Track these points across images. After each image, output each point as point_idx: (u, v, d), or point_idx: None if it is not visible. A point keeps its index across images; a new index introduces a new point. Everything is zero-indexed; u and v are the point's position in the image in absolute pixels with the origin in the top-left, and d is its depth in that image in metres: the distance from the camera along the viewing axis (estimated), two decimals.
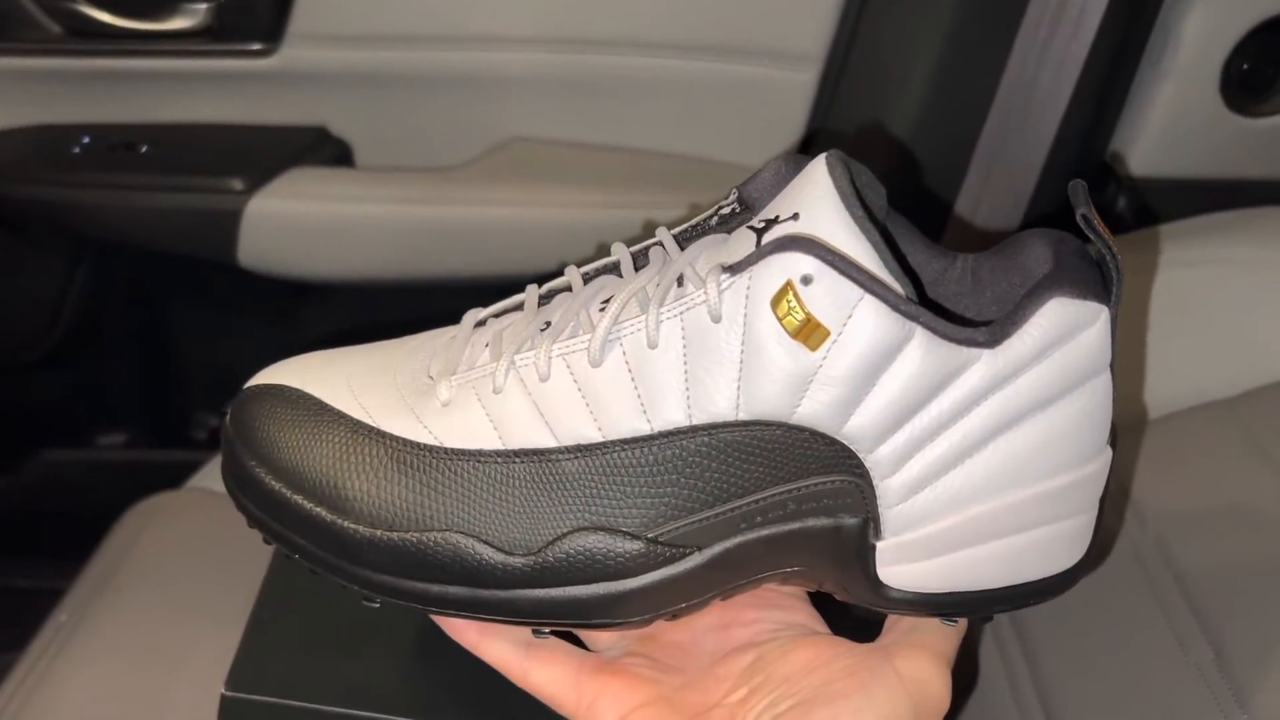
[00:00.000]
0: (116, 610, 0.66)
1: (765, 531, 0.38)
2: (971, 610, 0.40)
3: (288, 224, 0.82)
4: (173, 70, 0.83)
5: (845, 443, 0.36)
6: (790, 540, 0.38)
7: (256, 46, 0.81)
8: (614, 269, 0.40)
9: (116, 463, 1.05)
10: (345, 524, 0.39)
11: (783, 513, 0.37)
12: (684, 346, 0.35)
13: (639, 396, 0.36)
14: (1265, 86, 0.77)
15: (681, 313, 0.35)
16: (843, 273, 0.33)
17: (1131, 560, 0.58)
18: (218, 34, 0.81)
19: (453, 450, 0.38)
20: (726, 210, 0.39)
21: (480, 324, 0.42)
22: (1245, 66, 0.76)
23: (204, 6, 0.81)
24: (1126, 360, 0.68)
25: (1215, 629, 0.52)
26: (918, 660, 0.37)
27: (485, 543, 0.38)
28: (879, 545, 0.38)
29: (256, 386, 0.43)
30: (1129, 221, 0.80)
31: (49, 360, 0.96)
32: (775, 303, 0.34)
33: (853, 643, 0.39)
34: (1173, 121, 0.77)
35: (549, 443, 0.37)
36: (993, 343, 0.35)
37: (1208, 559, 0.56)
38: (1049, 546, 0.39)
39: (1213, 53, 0.74)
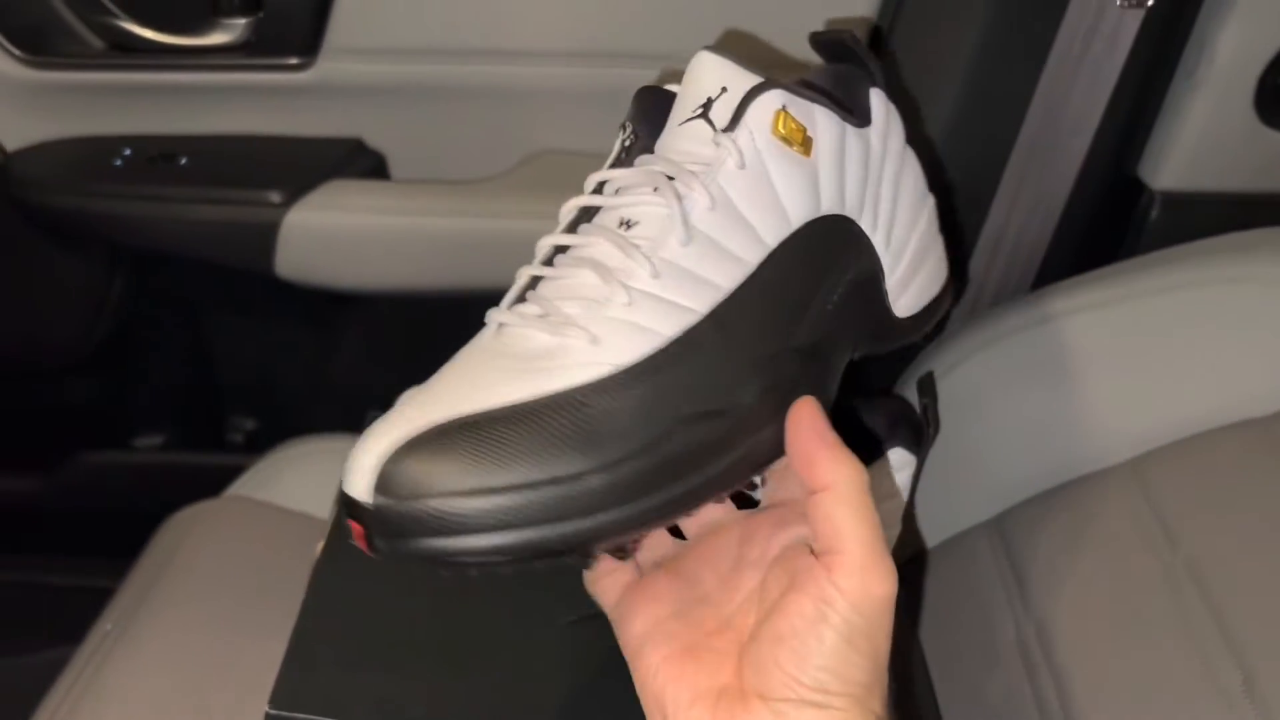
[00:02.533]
0: (160, 620, 0.68)
1: (834, 300, 0.46)
2: (930, 321, 0.53)
3: (324, 236, 0.84)
4: (212, 84, 0.84)
5: (850, 216, 0.46)
6: (850, 297, 0.46)
7: (293, 61, 0.82)
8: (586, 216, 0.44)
9: (154, 465, 1.07)
10: (581, 484, 0.38)
11: (840, 280, 0.46)
12: (731, 201, 0.42)
13: (728, 252, 0.42)
14: None
15: (711, 180, 0.42)
16: (801, 95, 0.44)
17: (1160, 581, 0.58)
18: (256, 49, 0.83)
19: (626, 367, 0.39)
20: (628, 144, 0.46)
21: (522, 299, 0.43)
22: None
23: (242, 22, 0.83)
24: (1157, 379, 0.68)
25: (1244, 654, 0.52)
26: (840, 572, 0.38)
27: (702, 417, 0.40)
28: (888, 284, 0.49)
29: (387, 467, 0.37)
30: (1160, 235, 0.80)
31: (88, 365, 0.98)
32: (774, 130, 0.43)
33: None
34: (1206, 135, 0.77)
35: (691, 320, 0.41)
36: (863, 124, 0.47)
37: (1238, 582, 0.56)
38: (939, 263, 0.54)
39: (1248, 67, 0.74)
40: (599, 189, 0.45)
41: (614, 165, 0.46)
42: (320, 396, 1.04)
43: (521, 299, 0.42)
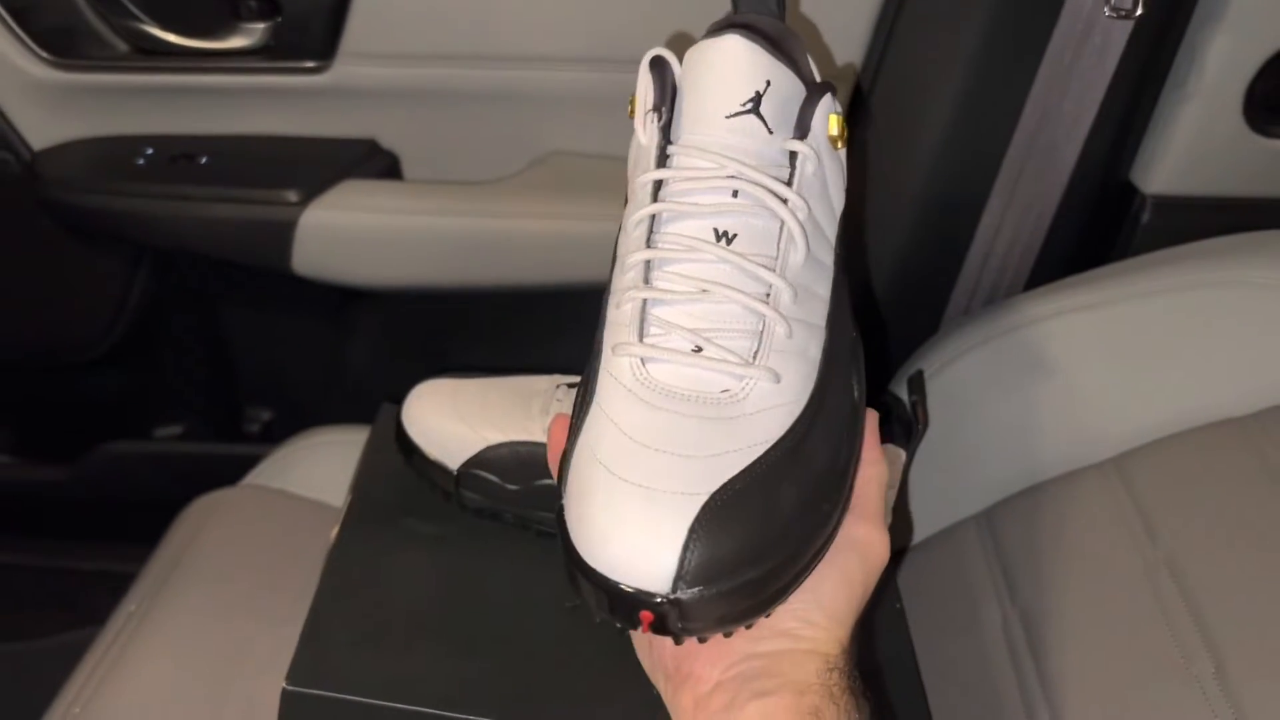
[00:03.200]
0: (180, 603, 0.71)
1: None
2: None
3: (338, 234, 0.86)
4: (232, 86, 0.87)
5: None
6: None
7: (311, 64, 0.85)
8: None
9: (173, 454, 1.10)
10: (832, 521, 0.41)
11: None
12: (810, 207, 0.43)
13: (816, 259, 0.43)
14: None
15: (801, 187, 0.42)
16: (834, 92, 0.44)
17: (1141, 576, 0.60)
18: (274, 52, 0.85)
19: (807, 400, 0.41)
20: (664, 124, 0.44)
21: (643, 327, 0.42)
22: (1269, 88, 0.77)
23: (261, 26, 0.85)
24: (1141, 379, 0.70)
25: (1217, 644, 0.55)
26: (861, 525, 0.42)
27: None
28: None
29: (686, 556, 0.35)
30: (1151, 238, 0.82)
31: (110, 358, 1.01)
32: (829, 132, 0.43)
33: None
34: (1196, 141, 0.79)
35: (820, 336, 0.43)
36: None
37: (1214, 577, 0.58)
38: None
39: (1237, 76, 0.76)
40: (656, 190, 0.42)
41: (659, 159, 0.43)
42: (334, 388, 1.07)
43: (642, 326, 0.40)
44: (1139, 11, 0.68)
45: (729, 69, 0.42)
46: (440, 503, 0.63)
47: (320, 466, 0.83)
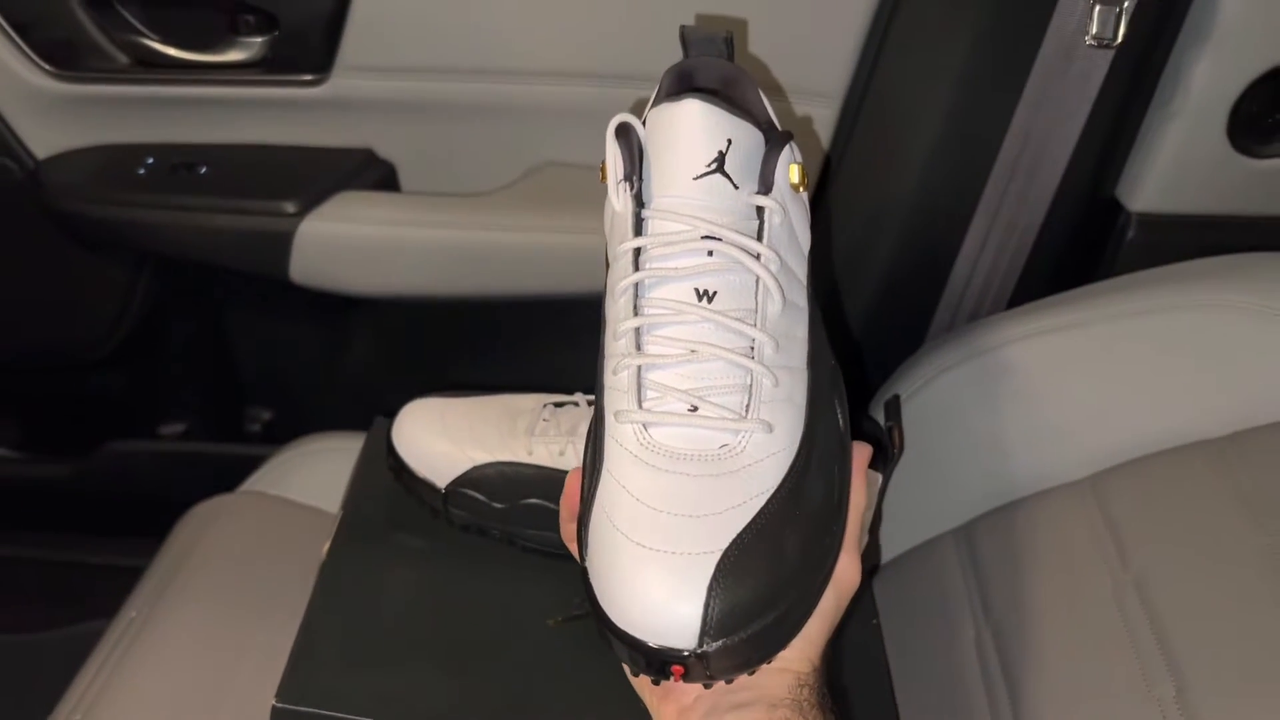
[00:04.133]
0: (180, 610, 0.73)
1: None
2: None
3: (335, 244, 0.88)
4: (230, 97, 0.88)
5: None
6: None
7: (307, 77, 0.86)
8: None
9: (177, 453, 1.12)
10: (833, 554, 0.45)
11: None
12: (781, 255, 0.45)
13: (793, 304, 0.45)
14: (1271, 130, 0.79)
15: (771, 240, 0.45)
16: (792, 140, 0.46)
17: (1109, 596, 0.62)
18: (272, 65, 0.86)
19: (799, 445, 0.43)
20: (636, 192, 0.45)
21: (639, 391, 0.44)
22: (1252, 110, 0.78)
23: (259, 40, 0.86)
24: (1119, 399, 0.71)
25: (1180, 666, 0.56)
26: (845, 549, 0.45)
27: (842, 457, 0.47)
28: None
29: (708, 612, 0.38)
30: (1135, 254, 0.83)
31: (114, 359, 1.02)
32: (791, 179, 0.45)
33: None
34: (1181, 160, 0.79)
35: (803, 378, 0.45)
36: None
37: (1181, 600, 0.59)
38: None
39: (1221, 97, 0.77)
40: (636, 257, 0.44)
41: (636, 225, 0.45)
42: (333, 390, 1.08)
43: (639, 392, 0.42)
44: (1119, 41, 0.69)
45: (691, 132, 0.43)
46: (429, 519, 0.65)
47: (318, 473, 0.85)
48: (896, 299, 0.84)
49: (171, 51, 0.86)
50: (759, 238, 0.44)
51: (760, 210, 0.44)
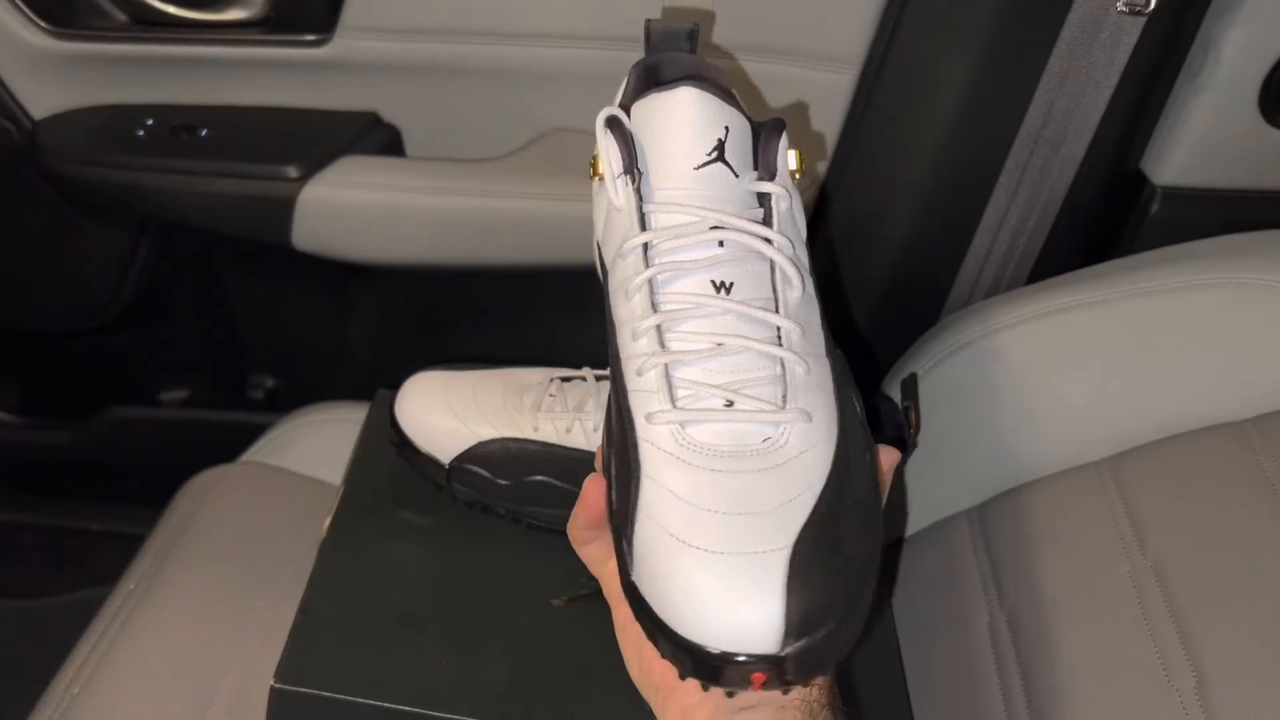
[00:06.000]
0: (179, 582, 0.72)
1: None
2: None
3: (338, 210, 0.86)
4: (232, 57, 0.86)
5: None
6: None
7: (311, 37, 0.84)
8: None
9: (179, 420, 1.11)
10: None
11: None
12: (792, 242, 0.44)
13: (805, 291, 0.44)
14: None
15: (783, 227, 0.44)
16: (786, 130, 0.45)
17: (1128, 582, 0.60)
18: (274, 25, 0.84)
19: (838, 431, 0.42)
20: (637, 186, 0.44)
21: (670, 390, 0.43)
22: None
23: None
24: (1139, 380, 0.69)
25: (1199, 657, 0.55)
26: None
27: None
28: None
29: (789, 615, 0.36)
30: (1160, 229, 0.81)
31: (116, 325, 1.01)
32: (790, 165, 0.45)
33: None
34: (1209, 133, 0.77)
35: (827, 363, 0.44)
36: None
37: (1200, 587, 0.58)
38: None
39: (1253, 68, 0.74)
40: (645, 252, 0.43)
41: (640, 220, 0.43)
42: (337, 358, 1.07)
43: (671, 391, 0.41)
44: (1152, 7, 0.66)
45: (690, 121, 0.43)
46: (432, 494, 0.64)
47: (321, 444, 0.84)
48: (913, 273, 0.82)
49: (171, 9, 0.84)
50: (769, 224, 0.43)
51: (763, 197, 0.43)
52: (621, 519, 0.40)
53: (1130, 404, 0.69)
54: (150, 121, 0.88)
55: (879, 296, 0.84)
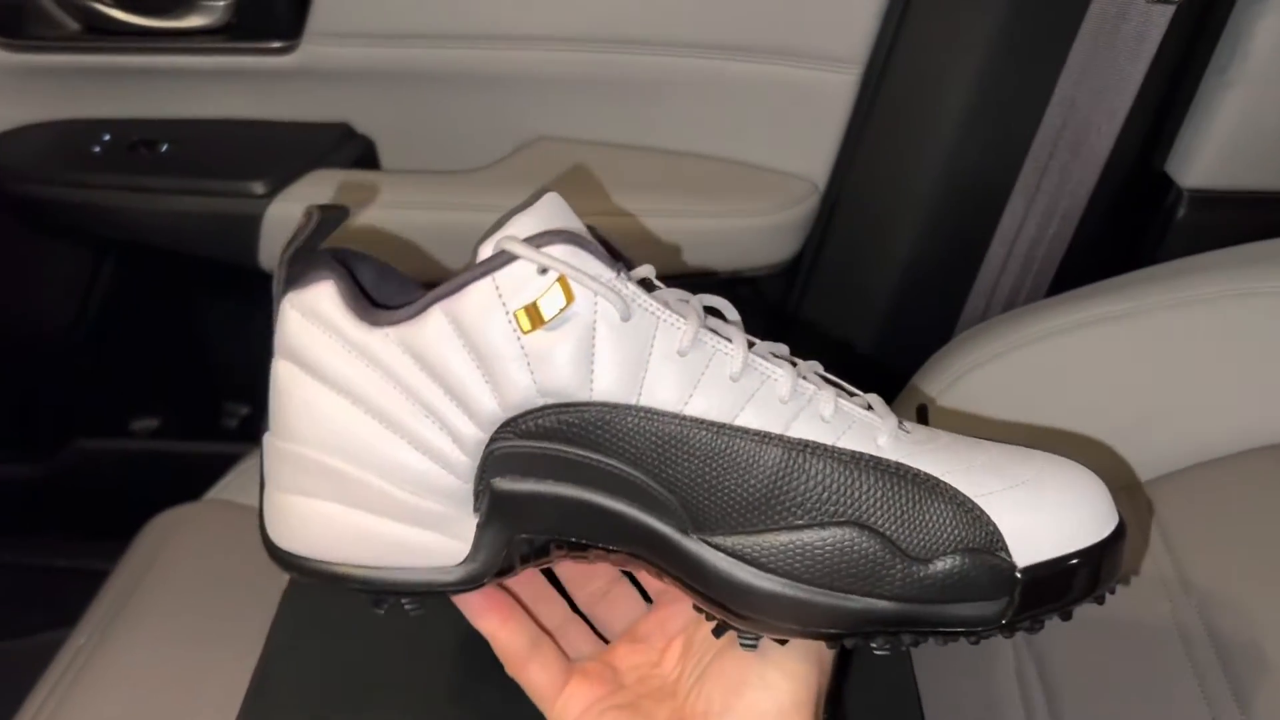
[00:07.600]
0: (133, 634, 0.66)
1: None
2: None
3: None
4: (193, 67, 0.82)
5: None
6: None
7: (276, 44, 0.80)
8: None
9: (149, 451, 1.06)
10: None
11: None
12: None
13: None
14: None
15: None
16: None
17: (1170, 626, 0.55)
18: (236, 31, 0.80)
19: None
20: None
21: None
22: None
23: (221, 4, 0.80)
24: (1176, 397, 0.65)
25: (1249, 704, 0.50)
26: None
27: None
28: None
29: None
30: (1186, 235, 0.77)
31: (79, 351, 0.97)
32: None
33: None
34: (1238, 132, 0.73)
35: None
36: None
37: (1254, 637, 0.53)
38: None
39: None
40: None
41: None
42: None
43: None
44: None
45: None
46: None
47: None
48: (923, 287, 0.78)
49: (125, 17, 0.80)
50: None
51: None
52: None
53: (1165, 425, 0.65)
54: (107, 137, 0.84)
55: (887, 312, 0.79)
